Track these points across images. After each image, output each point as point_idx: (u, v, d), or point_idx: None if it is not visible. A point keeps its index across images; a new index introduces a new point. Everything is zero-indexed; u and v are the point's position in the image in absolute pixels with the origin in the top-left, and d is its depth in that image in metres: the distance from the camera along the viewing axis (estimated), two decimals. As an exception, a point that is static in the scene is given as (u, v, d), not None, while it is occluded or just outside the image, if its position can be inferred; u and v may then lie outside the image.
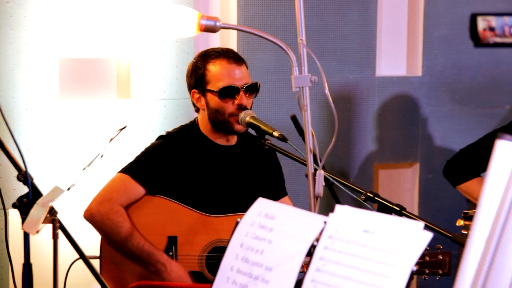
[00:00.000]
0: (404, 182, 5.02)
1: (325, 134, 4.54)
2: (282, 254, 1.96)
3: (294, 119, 3.75)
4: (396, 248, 1.76)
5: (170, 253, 3.30)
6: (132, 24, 4.17)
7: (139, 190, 3.31)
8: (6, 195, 3.83)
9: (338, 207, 1.93)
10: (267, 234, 2.03)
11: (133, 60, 4.20)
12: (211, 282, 3.31)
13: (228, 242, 2.10)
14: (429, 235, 1.74)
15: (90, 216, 3.29)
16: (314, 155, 3.11)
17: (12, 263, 3.83)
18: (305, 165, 3.08)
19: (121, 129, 2.71)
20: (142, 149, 3.42)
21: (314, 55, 2.37)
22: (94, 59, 4.20)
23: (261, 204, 2.10)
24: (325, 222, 1.94)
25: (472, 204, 4.41)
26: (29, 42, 3.95)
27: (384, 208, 2.78)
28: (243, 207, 3.41)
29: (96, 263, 3.73)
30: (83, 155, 4.08)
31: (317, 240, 1.94)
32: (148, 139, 4.11)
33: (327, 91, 2.36)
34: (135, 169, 3.32)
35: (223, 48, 3.41)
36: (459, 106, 5.01)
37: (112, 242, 3.28)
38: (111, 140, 2.54)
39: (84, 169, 2.49)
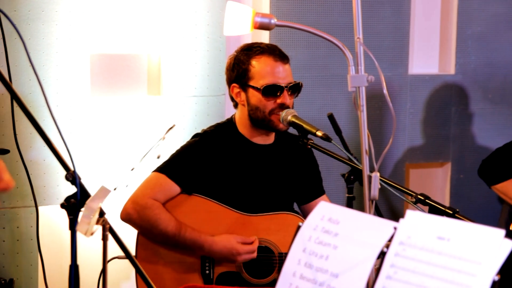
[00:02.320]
0: (435, 182, 4.95)
1: (358, 134, 4.47)
2: (349, 260, 1.90)
3: (331, 117, 3.67)
4: (475, 257, 1.70)
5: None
6: (163, 20, 4.11)
7: (175, 188, 3.25)
8: (35, 192, 3.80)
9: (409, 212, 1.87)
10: (332, 239, 1.96)
11: (164, 56, 4.13)
12: (249, 283, 3.29)
13: (289, 246, 2.04)
14: (510, 244, 1.68)
15: (127, 216, 3.23)
16: (349, 157, 3.06)
17: (43, 262, 3.79)
18: (348, 164, 3.04)
19: (170, 128, 2.65)
20: (178, 148, 3.35)
21: (371, 53, 2.30)
22: (125, 55, 4.15)
23: (324, 208, 2.03)
24: (395, 228, 1.87)
25: (506, 205, 4.34)
26: (60, 37, 3.89)
27: (436, 211, 2.70)
28: (281, 206, 3.39)
29: (130, 265, 3.68)
30: (113, 152, 4.03)
31: (386, 246, 1.87)
32: (178, 136, 4.05)
33: (385, 91, 2.29)
34: (170, 168, 3.25)
35: (268, 44, 3.34)
36: (492, 105, 4.94)
37: (154, 236, 3.22)
38: (163, 138, 2.48)
39: (132, 169, 2.43)
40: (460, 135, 4.88)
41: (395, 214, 4.76)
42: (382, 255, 1.87)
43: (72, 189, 2.50)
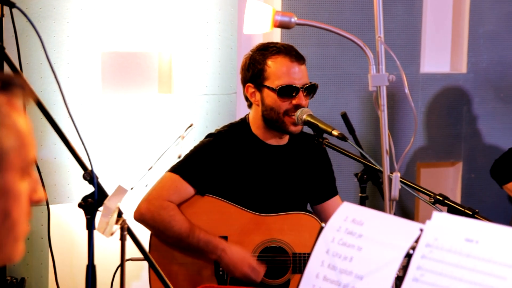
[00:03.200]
0: (446, 181, 4.92)
1: (369, 133, 4.45)
2: (374, 262, 1.87)
3: (344, 116, 3.64)
4: (505, 259, 1.67)
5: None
6: (174, 18, 4.08)
7: (189, 189, 3.23)
8: (46, 190, 3.77)
9: (435, 214, 1.84)
10: (356, 240, 1.94)
11: (175, 54, 4.11)
12: (263, 283, 3.27)
13: (312, 247, 2.01)
14: (540, 246, 1.65)
15: (140, 216, 3.21)
16: (365, 156, 3.03)
17: (54, 260, 3.77)
18: (364, 164, 3.01)
19: (189, 127, 2.63)
20: (192, 148, 3.33)
21: (393, 53, 2.28)
22: (136, 53, 4.12)
23: (347, 209, 2.01)
24: (421, 230, 1.85)
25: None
26: (71, 35, 3.87)
27: (455, 211, 2.67)
28: (294, 207, 3.37)
29: (141, 265, 3.67)
30: (124, 150, 4.01)
31: (412, 248, 1.85)
32: (189, 135, 4.02)
33: (407, 90, 2.27)
34: (184, 169, 3.23)
35: (284, 44, 3.31)
36: (504, 104, 4.90)
37: (167, 238, 3.20)
38: (183, 138, 2.46)
39: (150, 169, 2.40)
40: (472, 134, 4.85)
41: (407, 213, 4.74)
42: (407, 257, 1.84)
43: (83, 188, 2.47)
